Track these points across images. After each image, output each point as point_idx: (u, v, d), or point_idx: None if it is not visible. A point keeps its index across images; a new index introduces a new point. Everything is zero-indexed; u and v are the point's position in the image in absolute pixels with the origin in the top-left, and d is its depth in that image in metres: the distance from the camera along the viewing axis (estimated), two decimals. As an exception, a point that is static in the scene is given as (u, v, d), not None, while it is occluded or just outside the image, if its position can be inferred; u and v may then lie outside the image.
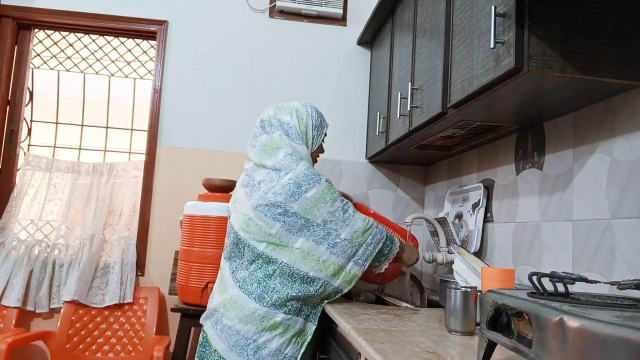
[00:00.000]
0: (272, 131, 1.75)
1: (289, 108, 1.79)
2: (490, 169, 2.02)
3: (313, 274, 1.60)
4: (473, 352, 1.09)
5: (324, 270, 1.61)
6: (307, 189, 1.63)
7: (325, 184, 1.67)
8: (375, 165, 2.82)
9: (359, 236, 1.63)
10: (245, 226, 1.65)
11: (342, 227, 1.62)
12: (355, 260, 1.64)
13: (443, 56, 1.65)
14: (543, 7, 1.18)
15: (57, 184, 2.71)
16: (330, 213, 1.63)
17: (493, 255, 1.92)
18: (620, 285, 0.85)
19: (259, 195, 1.65)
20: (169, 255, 2.62)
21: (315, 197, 1.63)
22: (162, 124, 2.71)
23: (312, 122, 1.79)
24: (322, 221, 1.62)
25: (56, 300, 2.53)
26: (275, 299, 1.58)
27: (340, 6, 2.81)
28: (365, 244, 1.64)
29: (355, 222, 1.64)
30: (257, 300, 1.59)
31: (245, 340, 1.57)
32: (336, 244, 1.61)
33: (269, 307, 1.58)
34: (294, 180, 1.63)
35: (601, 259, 1.33)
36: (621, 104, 1.31)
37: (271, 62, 2.81)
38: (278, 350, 1.57)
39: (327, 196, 1.64)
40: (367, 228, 1.65)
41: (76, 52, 2.82)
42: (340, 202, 1.66)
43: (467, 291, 1.30)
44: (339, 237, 1.62)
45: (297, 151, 1.71)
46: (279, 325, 1.58)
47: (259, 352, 1.56)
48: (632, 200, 1.24)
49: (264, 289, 1.60)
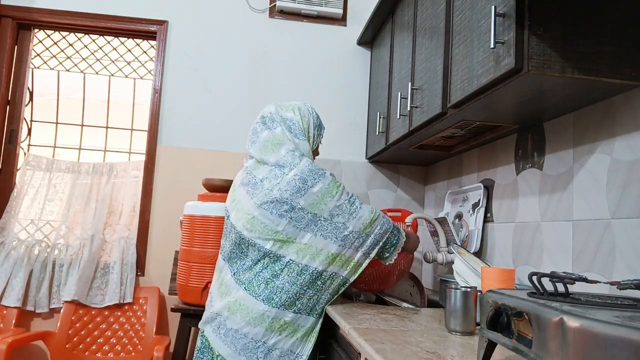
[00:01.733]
0: (274, 127, 1.73)
1: (291, 106, 1.78)
2: (490, 169, 2.02)
3: (322, 268, 1.60)
4: (473, 352, 1.09)
5: (332, 263, 1.61)
6: (313, 184, 1.63)
7: (330, 178, 1.67)
8: (375, 165, 2.82)
9: (367, 227, 1.64)
10: (249, 225, 1.62)
11: (349, 219, 1.63)
12: (363, 250, 1.65)
13: (443, 56, 1.65)
14: (543, 7, 1.18)
15: (57, 184, 2.71)
16: (337, 207, 1.63)
17: (493, 255, 1.92)
18: (620, 285, 0.85)
19: (263, 192, 1.62)
20: (169, 255, 2.62)
21: (321, 192, 1.63)
22: (162, 124, 2.71)
23: (313, 120, 1.80)
24: (329, 215, 1.62)
25: (56, 300, 2.53)
26: (284, 299, 1.57)
27: (340, 6, 2.81)
28: (373, 234, 1.66)
29: (362, 214, 1.65)
30: (265, 302, 1.56)
31: (254, 343, 1.54)
32: (345, 237, 1.62)
33: (279, 308, 1.56)
34: (299, 176, 1.62)
35: (601, 259, 1.33)
36: (621, 104, 1.31)
37: (271, 62, 2.81)
38: (289, 351, 1.57)
39: (333, 190, 1.64)
40: (374, 219, 1.66)
41: (76, 52, 2.82)
42: (347, 195, 1.67)
43: (467, 291, 1.30)
44: (347, 229, 1.62)
45: (299, 147, 1.71)
46: (288, 325, 1.57)
47: (270, 354, 1.54)
48: (632, 200, 1.24)
49: (272, 289, 1.57)
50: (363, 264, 1.66)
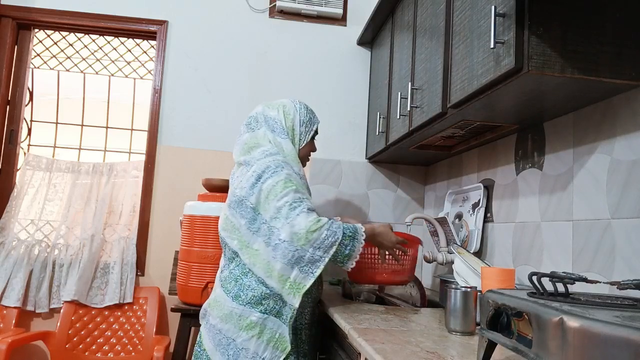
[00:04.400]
0: (257, 127, 1.71)
1: (277, 104, 1.76)
2: (490, 169, 2.02)
3: (267, 282, 1.51)
4: (473, 352, 1.09)
5: (272, 276, 1.49)
6: (264, 180, 1.52)
7: (284, 176, 1.52)
8: (375, 165, 2.82)
9: (301, 239, 1.43)
10: (224, 224, 1.65)
11: (283, 225, 1.45)
12: (301, 267, 1.45)
13: (443, 56, 1.65)
14: (543, 7, 1.18)
15: (57, 184, 2.71)
16: (277, 208, 1.47)
17: (493, 255, 1.92)
18: (620, 285, 0.85)
19: (231, 192, 1.66)
20: (169, 255, 2.62)
21: (268, 189, 1.50)
22: (162, 124, 2.71)
23: (300, 117, 1.74)
24: (269, 217, 1.49)
25: (56, 300, 2.53)
26: (250, 297, 1.52)
27: (340, 6, 2.81)
28: (312, 248, 1.44)
29: (298, 222, 1.44)
30: (234, 299, 1.55)
31: (227, 339, 1.54)
32: (277, 245, 1.46)
33: (245, 306, 1.52)
34: (257, 172, 1.55)
35: (601, 259, 1.33)
36: (621, 104, 1.31)
37: (271, 62, 2.81)
38: (255, 353, 1.49)
39: (279, 188, 1.49)
40: (312, 230, 1.43)
41: (76, 52, 2.82)
42: (292, 197, 1.48)
43: (467, 291, 1.30)
44: (279, 237, 1.45)
45: (282, 146, 1.66)
46: (255, 325, 1.50)
47: (239, 353, 1.51)
48: (632, 200, 1.24)
49: (240, 287, 1.55)
50: (305, 285, 1.45)
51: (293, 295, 1.47)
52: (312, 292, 1.61)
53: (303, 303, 1.55)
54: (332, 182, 2.77)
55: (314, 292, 1.65)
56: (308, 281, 1.45)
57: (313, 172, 2.73)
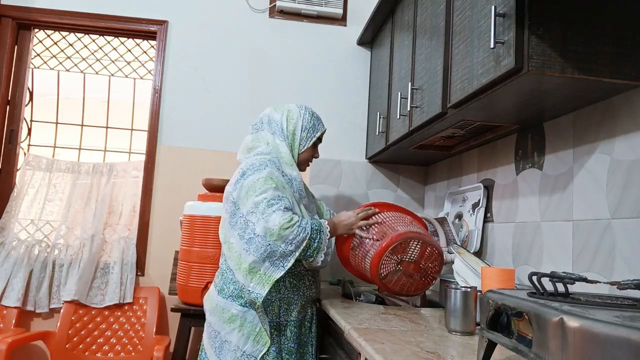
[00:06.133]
0: (261, 128, 1.77)
1: (283, 108, 1.80)
2: (490, 169, 2.02)
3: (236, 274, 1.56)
4: (473, 352, 1.09)
5: (240, 269, 1.53)
6: (247, 177, 1.58)
7: (265, 173, 1.57)
8: (375, 165, 2.82)
9: (274, 235, 1.48)
10: (222, 221, 1.71)
11: (258, 220, 1.50)
12: (272, 261, 1.50)
13: (443, 56, 1.65)
14: (543, 7, 1.18)
15: (57, 184, 2.71)
16: (255, 203, 1.52)
17: (493, 255, 1.92)
18: (620, 285, 0.85)
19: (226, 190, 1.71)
20: (169, 255, 2.62)
21: (248, 185, 1.56)
22: (162, 124, 2.71)
23: (303, 123, 1.76)
24: (246, 211, 1.54)
25: (56, 300, 2.53)
26: (231, 290, 1.60)
27: (340, 6, 2.81)
28: (284, 243, 1.49)
29: (273, 218, 1.49)
30: (219, 293, 1.63)
31: (215, 332, 1.61)
32: (251, 239, 1.50)
33: (227, 299, 1.60)
34: (242, 169, 1.63)
35: (601, 259, 1.33)
36: (621, 104, 1.31)
37: (271, 62, 2.81)
38: (237, 346, 1.55)
39: (259, 185, 1.54)
40: (285, 227, 1.49)
41: (76, 52, 2.82)
42: (271, 194, 1.53)
43: (467, 291, 1.30)
44: (254, 231, 1.50)
45: (276, 148, 1.71)
46: (236, 318, 1.57)
47: (223, 346, 1.58)
48: (632, 200, 1.24)
49: (224, 280, 1.63)
50: (274, 276, 1.49)
51: (262, 285, 1.50)
52: (300, 289, 1.66)
53: (289, 299, 1.62)
54: (332, 182, 2.77)
55: (303, 289, 1.67)
56: (278, 273, 1.50)
57: (313, 172, 2.73)
